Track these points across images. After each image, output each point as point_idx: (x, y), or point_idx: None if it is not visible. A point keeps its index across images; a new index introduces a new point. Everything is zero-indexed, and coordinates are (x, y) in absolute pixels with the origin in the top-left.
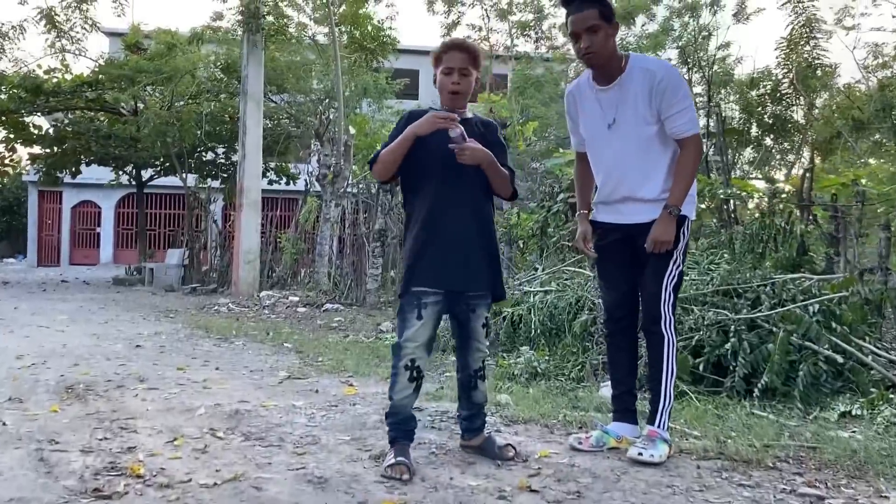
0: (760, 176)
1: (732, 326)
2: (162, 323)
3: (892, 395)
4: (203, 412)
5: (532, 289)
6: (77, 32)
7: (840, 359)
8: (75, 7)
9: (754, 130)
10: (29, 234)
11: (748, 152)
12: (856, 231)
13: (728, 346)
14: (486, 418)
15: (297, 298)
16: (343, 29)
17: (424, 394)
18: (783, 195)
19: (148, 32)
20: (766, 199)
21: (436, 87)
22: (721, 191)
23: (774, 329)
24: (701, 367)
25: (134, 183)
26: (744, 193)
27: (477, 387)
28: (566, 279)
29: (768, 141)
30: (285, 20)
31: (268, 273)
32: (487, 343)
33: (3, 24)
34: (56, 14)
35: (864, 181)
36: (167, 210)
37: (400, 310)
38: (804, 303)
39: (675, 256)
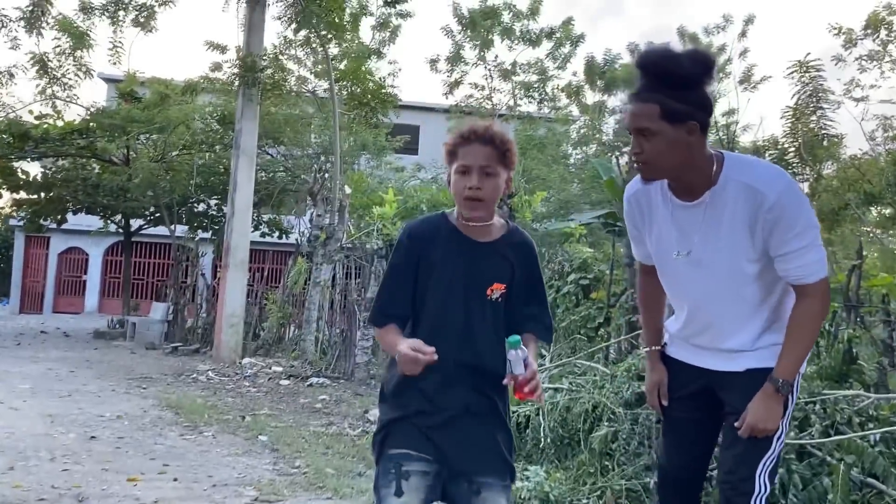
0: None
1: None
2: (131, 398)
3: None
4: None
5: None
6: (70, 79)
7: None
8: (69, 54)
9: None
10: (13, 279)
11: None
12: None
13: (776, 478)
14: None
15: (280, 368)
16: (343, 84)
17: None
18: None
19: (144, 80)
20: None
21: (449, 190)
22: None
23: (829, 458)
24: None
25: (122, 232)
26: None
27: None
28: (579, 374)
29: None
30: (283, 74)
31: (253, 334)
32: None
33: None
34: (49, 60)
35: None
36: (156, 259)
37: (375, 478)
38: (864, 432)
39: (779, 431)
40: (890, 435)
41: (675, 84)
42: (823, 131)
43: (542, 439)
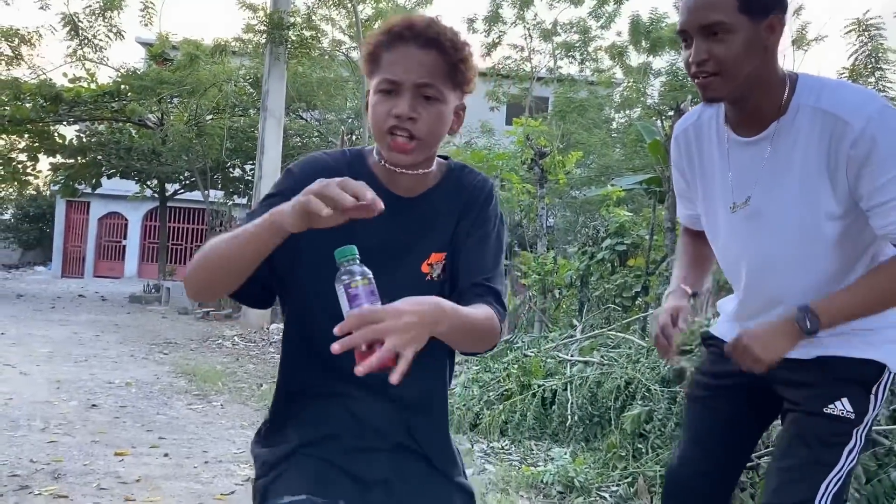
0: None
1: None
2: (148, 364)
3: None
4: None
5: (569, 357)
6: (101, 41)
7: None
8: (99, 14)
9: None
10: (55, 244)
11: None
12: None
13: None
14: None
15: None
16: None
17: None
18: None
19: (176, 43)
20: None
21: (366, 116)
22: None
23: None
24: None
25: (157, 196)
26: None
27: None
28: (612, 347)
29: None
30: (313, 33)
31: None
32: None
33: (23, 29)
34: (79, 21)
35: None
36: (192, 224)
37: None
38: None
39: (852, 443)
40: None
41: None
42: (883, 94)
43: (570, 417)
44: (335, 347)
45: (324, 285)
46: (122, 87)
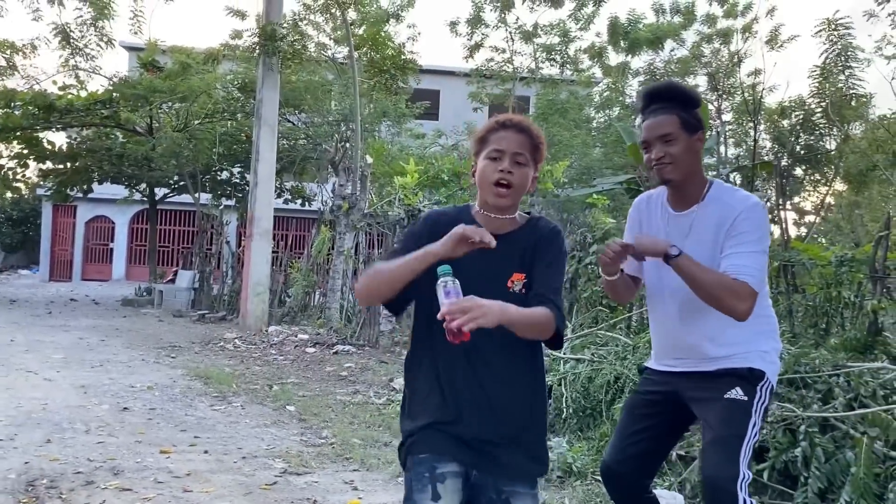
0: (790, 207)
1: (802, 426)
2: (160, 368)
3: None
4: None
5: (562, 355)
6: (92, 50)
7: None
8: (91, 24)
9: (785, 160)
10: (42, 247)
11: (777, 182)
12: None
13: (798, 451)
14: None
15: (306, 336)
16: (363, 51)
17: None
18: (851, 263)
19: (165, 49)
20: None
21: (472, 180)
22: (779, 254)
23: (852, 431)
24: (765, 475)
25: (146, 200)
26: (807, 259)
27: None
28: (601, 345)
29: (799, 171)
30: (302, 40)
31: (278, 301)
32: None
33: (17, 41)
34: (71, 31)
35: None
36: (181, 227)
37: (406, 489)
38: (889, 406)
39: (752, 418)
40: None
41: (685, 104)
42: (852, 91)
43: (565, 409)
44: (441, 317)
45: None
46: (114, 95)
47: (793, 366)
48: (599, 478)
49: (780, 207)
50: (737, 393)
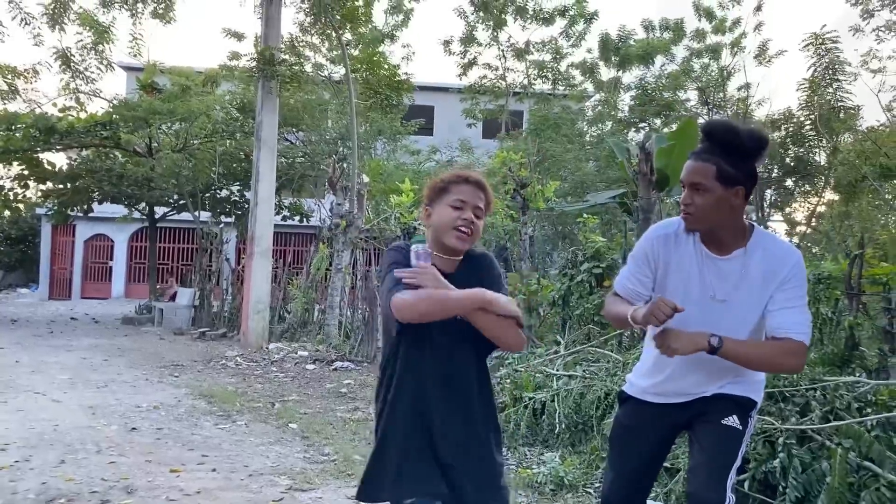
0: (781, 218)
1: (781, 438)
2: (165, 387)
3: None
4: None
5: (555, 371)
6: (92, 73)
7: None
8: (91, 48)
9: (776, 172)
10: (41, 266)
11: (769, 194)
12: None
13: (776, 462)
14: None
15: (306, 353)
16: (358, 70)
17: None
18: (828, 280)
19: (164, 70)
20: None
21: (425, 225)
22: None
23: (828, 443)
24: (746, 485)
25: (146, 219)
26: None
27: None
28: (592, 362)
29: (789, 183)
30: (300, 62)
31: (278, 318)
32: None
33: (20, 66)
34: (71, 55)
35: None
36: (180, 244)
37: None
38: (861, 418)
39: (742, 446)
40: (887, 420)
41: (732, 152)
42: (840, 103)
43: (557, 425)
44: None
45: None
46: (114, 116)
47: (772, 380)
48: (590, 490)
49: (761, 221)
50: (733, 421)
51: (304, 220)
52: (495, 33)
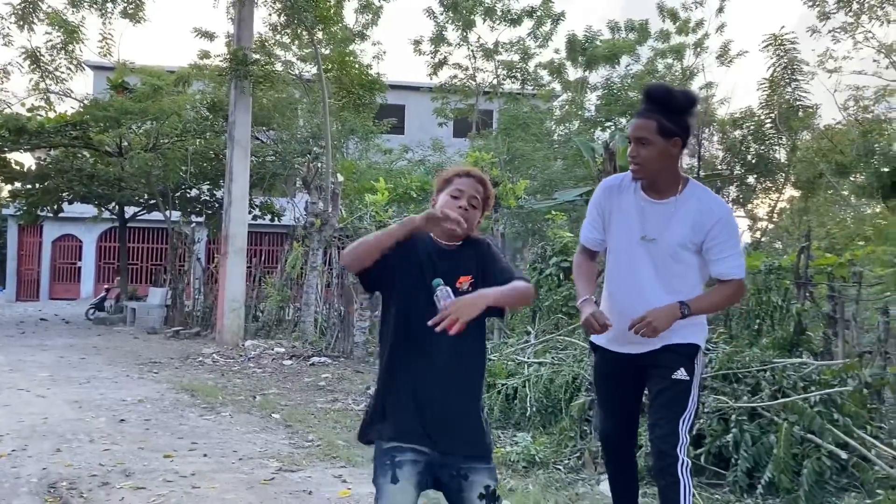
0: (743, 214)
1: (734, 415)
2: (146, 382)
3: None
4: None
5: (526, 359)
6: (62, 73)
7: (844, 454)
8: (61, 48)
9: (738, 169)
10: (8, 267)
11: (732, 191)
12: (853, 312)
13: (730, 437)
14: None
15: (282, 349)
16: (330, 69)
17: None
18: (779, 271)
19: (134, 69)
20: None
21: (432, 202)
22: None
23: (776, 419)
24: (702, 459)
25: (116, 219)
26: None
27: None
28: (561, 349)
29: (751, 179)
30: (272, 62)
31: (253, 317)
32: None
33: None
34: (41, 55)
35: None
36: (150, 244)
37: (374, 472)
38: (806, 395)
39: (692, 393)
40: (828, 396)
41: (669, 109)
42: (798, 102)
43: (529, 408)
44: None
45: (411, 294)
46: (85, 117)
47: (726, 363)
48: (559, 466)
49: None
50: (682, 374)
51: (276, 219)
52: (464, 33)
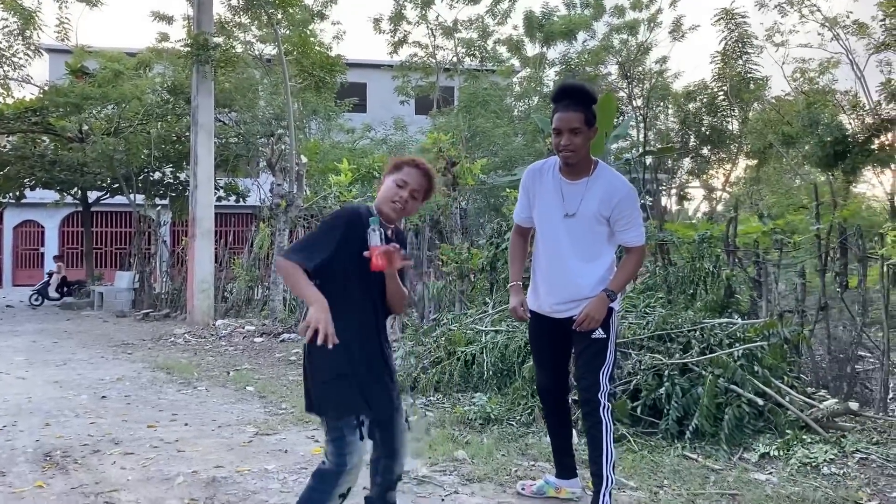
0: (699, 184)
1: (667, 371)
2: (121, 363)
3: (804, 436)
4: (181, 481)
5: (484, 328)
6: (20, 59)
7: (761, 401)
8: (18, 34)
9: (692, 141)
10: None
11: (686, 162)
12: (775, 276)
13: (663, 390)
14: (446, 477)
15: (252, 328)
16: (290, 51)
17: None
18: (710, 239)
19: (93, 53)
20: (696, 243)
21: (376, 192)
22: (655, 235)
23: (704, 373)
24: (639, 410)
25: (79, 204)
26: (676, 238)
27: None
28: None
29: (706, 151)
30: (232, 43)
31: (222, 297)
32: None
33: None
34: None
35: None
36: (115, 228)
37: (336, 434)
38: (730, 349)
39: (609, 349)
40: (750, 351)
41: (587, 102)
42: (749, 75)
43: (486, 372)
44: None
45: (356, 270)
46: (45, 102)
47: (661, 325)
48: (513, 423)
49: (661, 191)
50: (599, 333)
51: (241, 199)
52: (424, 12)
